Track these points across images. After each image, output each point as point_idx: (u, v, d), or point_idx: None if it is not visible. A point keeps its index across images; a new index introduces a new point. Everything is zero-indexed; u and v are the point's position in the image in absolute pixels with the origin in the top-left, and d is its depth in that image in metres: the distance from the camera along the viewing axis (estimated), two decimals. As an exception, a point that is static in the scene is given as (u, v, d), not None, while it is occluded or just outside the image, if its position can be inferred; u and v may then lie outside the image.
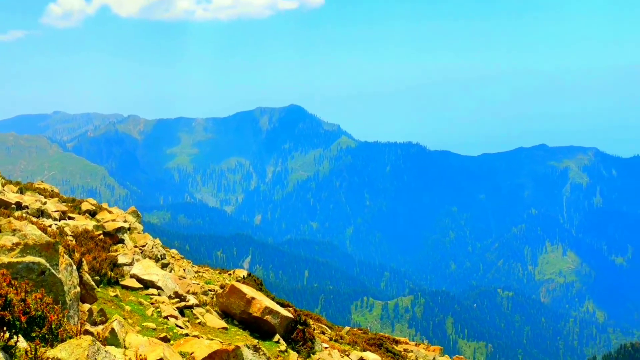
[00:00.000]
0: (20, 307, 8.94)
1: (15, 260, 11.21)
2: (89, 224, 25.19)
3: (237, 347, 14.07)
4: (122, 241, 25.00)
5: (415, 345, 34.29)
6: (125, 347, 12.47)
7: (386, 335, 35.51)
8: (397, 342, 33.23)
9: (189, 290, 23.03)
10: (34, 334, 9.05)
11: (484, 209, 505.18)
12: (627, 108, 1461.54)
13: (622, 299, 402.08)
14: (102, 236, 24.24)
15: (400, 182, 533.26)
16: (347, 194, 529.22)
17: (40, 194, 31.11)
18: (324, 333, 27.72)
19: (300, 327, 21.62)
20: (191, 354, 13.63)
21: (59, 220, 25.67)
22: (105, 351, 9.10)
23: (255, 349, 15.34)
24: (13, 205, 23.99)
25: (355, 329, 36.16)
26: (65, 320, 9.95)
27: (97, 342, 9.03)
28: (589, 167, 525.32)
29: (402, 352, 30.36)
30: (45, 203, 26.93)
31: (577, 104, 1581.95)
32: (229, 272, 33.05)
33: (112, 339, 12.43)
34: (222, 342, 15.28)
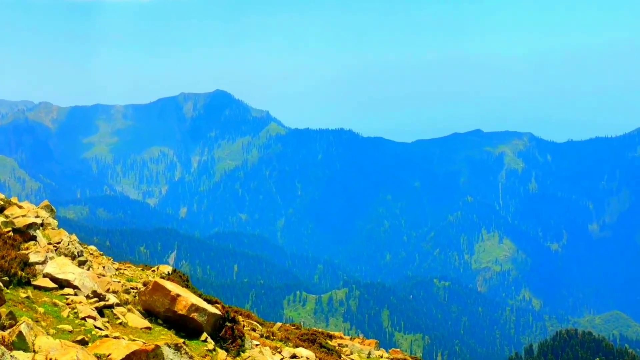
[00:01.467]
0: None
1: None
2: (-4, 220, 24.27)
3: (157, 347, 13.85)
4: (34, 238, 24.23)
5: (350, 339, 34.55)
6: (34, 351, 12.06)
7: (320, 330, 35.67)
8: (331, 337, 33.40)
9: (109, 289, 22.55)
10: None
11: (419, 196, 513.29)
12: (560, 93, 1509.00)
13: (558, 285, 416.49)
14: (11, 233, 23.43)
15: (333, 171, 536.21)
16: (278, 184, 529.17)
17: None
18: (254, 330, 27.61)
19: (229, 325, 21.47)
20: (108, 355, 13.33)
21: (-37, 217, 24.65)
22: (11, 356, 8.76)
23: (177, 348, 15.12)
24: None
25: (288, 325, 36.18)
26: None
27: (2, 347, 8.84)
28: (524, 152, 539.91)
29: (337, 347, 30.54)
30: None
31: (512, 90, 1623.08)
32: (152, 269, 32.53)
33: (20, 343, 11.97)
34: (144, 343, 15.01)
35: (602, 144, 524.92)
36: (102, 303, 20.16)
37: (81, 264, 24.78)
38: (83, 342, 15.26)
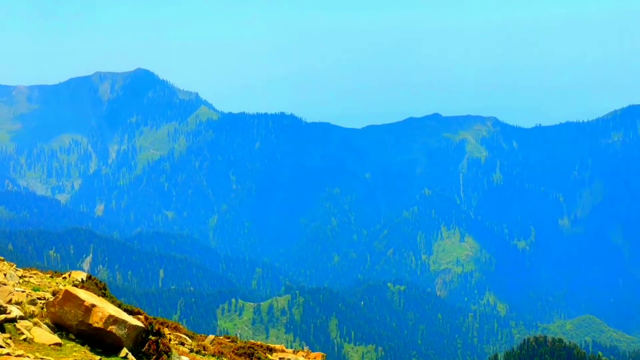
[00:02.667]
0: None
1: None
2: None
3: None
4: None
5: (294, 352, 34.62)
6: None
7: (259, 342, 35.63)
8: (271, 350, 33.41)
9: (10, 300, 22.09)
10: None
11: (370, 190, 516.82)
12: (527, 72, 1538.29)
13: (525, 288, 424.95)
14: None
15: (273, 161, 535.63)
16: (209, 176, 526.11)
17: None
18: (183, 344, 27.43)
19: (153, 338, 21.25)
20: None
21: None
22: None
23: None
24: None
25: (222, 337, 36.05)
26: None
27: None
28: (487, 139, 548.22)
29: (278, 362, 30.57)
30: None
31: (474, 69, 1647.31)
32: (63, 276, 32.01)
33: None
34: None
35: (573, 130, 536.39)
36: (2, 316, 19.73)
37: (-23, 271, 24.22)
38: (-20, 362, 14.91)
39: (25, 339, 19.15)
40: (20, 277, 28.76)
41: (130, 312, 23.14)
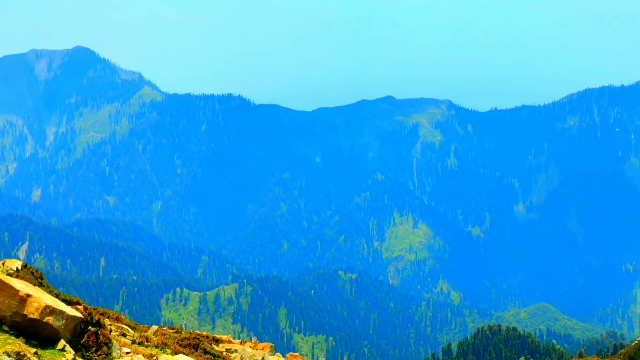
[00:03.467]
0: None
1: None
2: None
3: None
4: None
5: (241, 343, 34.62)
6: None
7: (204, 333, 35.55)
8: (218, 342, 33.35)
9: (-60, 290, 21.63)
10: None
11: (321, 174, 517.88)
12: (483, 54, 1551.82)
13: (479, 275, 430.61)
14: None
15: (219, 144, 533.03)
16: (153, 160, 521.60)
17: None
18: (124, 335, 27.19)
19: (93, 329, 21.03)
20: None
21: None
22: None
23: (19, 356, 14.67)
24: None
25: (166, 328, 35.86)
26: None
27: None
28: (442, 122, 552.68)
29: (224, 353, 30.52)
30: None
31: (428, 49, 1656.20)
32: (-4, 264, 31.43)
33: None
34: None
35: (529, 114, 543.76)
36: None
37: None
38: None
39: (-45, 331, 18.81)
40: (-50, 266, 28.20)
41: (69, 303, 22.87)
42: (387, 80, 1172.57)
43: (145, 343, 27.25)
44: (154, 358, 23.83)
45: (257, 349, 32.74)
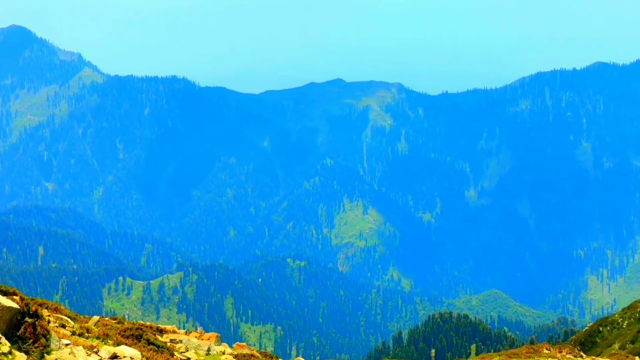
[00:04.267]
0: None
1: None
2: None
3: None
4: None
5: (186, 333, 34.38)
6: None
7: (148, 323, 35.23)
8: (162, 332, 33.07)
9: None
10: None
11: (269, 159, 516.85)
12: (433, 40, 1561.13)
13: (430, 262, 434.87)
14: None
15: (163, 128, 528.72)
16: (94, 145, 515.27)
17: None
18: (64, 326, 26.82)
19: (30, 321, 20.68)
20: None
21: None
22: None
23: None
24: None
25: (108, 319, 35.48)
26: None
27: None
28: (392, 106, 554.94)
29: (169, 344, 30.28)
30: None
31: (378, 34, 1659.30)
32: None
33: None
34: None
35: (481, 97, 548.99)
36: None
37: None
38: None
39: None
40: None
41: (5, 293, 22.47)
42: (336, 63, 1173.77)
43: (86, 334, 26.93)
44: (95, 350, 23.57)
45: (202, 339, 32.60)
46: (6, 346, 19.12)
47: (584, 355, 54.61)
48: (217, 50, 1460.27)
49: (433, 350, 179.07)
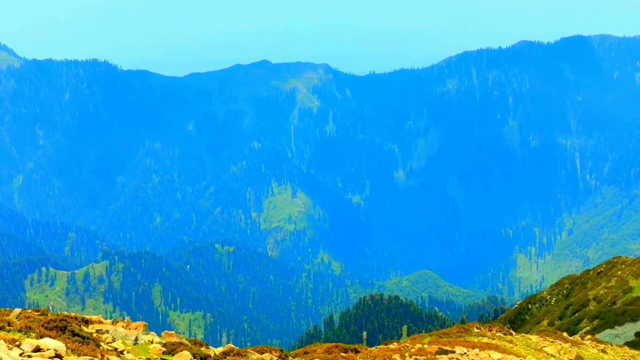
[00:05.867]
0: None
1: None
2: None
3: None
4: None
5: (112, 323, 33.93)
6: None
7: (73, 314, 34.70)
8: (87, 323, 32.58)
9: None
10: None
11: (195, 143, 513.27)
12: (357, 19, 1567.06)
13: (360, 245, 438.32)
14: None
15: (85, 113, 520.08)
16: (12, 132, 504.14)
17: None
18: (-16, 320, 26.25)
19: (-53, 315, 20.22)
20: None
21: None
22: None
23: None
24: None
25: (30, 311, 34.81)
26: None
27: None
28: (319, 87, 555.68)
29: (95, 334, 29.86)
30: None
31: (303, 14, 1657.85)
32: None
33: None
34: None
35: (408, 77, 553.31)
36: None
37: None
38: None
39: None
40: None
41: None
42: (262, 44, 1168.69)
43: (7, 327, 26.41)
44: (17, 343, 23.12)
45: (129, 329, 32.24)
46: None
47: (514, 333, 55.74)
48: (140, 32, 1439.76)
49: (365, 333, 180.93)
